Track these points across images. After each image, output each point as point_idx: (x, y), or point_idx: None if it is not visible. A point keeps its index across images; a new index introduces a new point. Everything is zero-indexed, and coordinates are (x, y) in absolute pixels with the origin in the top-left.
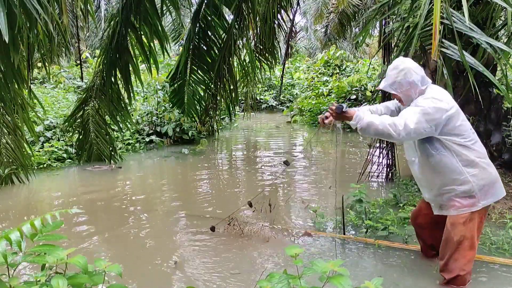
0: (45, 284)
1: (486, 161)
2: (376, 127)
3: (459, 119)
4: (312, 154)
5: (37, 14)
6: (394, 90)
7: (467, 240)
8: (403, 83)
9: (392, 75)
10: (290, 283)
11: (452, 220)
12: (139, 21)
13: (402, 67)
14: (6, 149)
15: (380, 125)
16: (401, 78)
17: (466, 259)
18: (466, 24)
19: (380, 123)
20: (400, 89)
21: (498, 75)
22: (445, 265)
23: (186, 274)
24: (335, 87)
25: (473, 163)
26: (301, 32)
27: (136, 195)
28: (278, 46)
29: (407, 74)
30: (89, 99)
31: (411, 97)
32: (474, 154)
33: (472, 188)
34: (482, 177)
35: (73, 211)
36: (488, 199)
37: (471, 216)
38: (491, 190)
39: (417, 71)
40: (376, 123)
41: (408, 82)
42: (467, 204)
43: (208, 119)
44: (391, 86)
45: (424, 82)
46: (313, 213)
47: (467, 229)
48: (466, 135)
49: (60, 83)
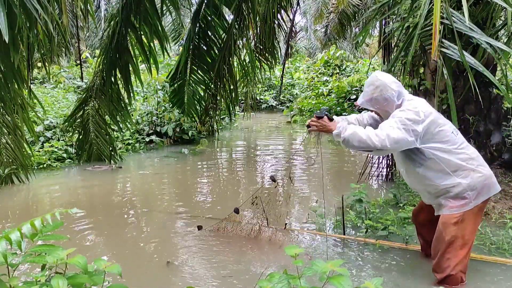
0: (45, 284)
1: (475, 162)
2: (359, 138)
3: (437, 126)
4: (314, 160)
5: (37, 14)
6: (372, 106)
7: (458, 239)
8: (379, 99)
9: (368, 92)
10: (290, 283)
11: (444, 220)
12: (139, 21)
13: (377, 84)
14: (6, 149)
15: (363, 136)
16: (377, 95)
17: (458, 259)
18: (466, 24)
19: (363, 133)
20: (377, 105)
21: (498, 75)
22: (436, 264)
23: (186, 274)
24: (335, 87)
25: (461, 166)
26: (301, 32)
27: (136, 195)
28: (278, 46)
29: (383, 90)
30: (89, 99)
31: (389, 112)
32: (460, 158)
33: (463, 190)
34: (472, 179)
35: (73, 211)
36: (480, 198)
37: (463, 216)
38: (484, 189)
39: (393, 86)
40: (359, 134)
41: (384, 98)
42: (459, 204)
43: (208, 119)
44: (368, 103)
45: (400, 97)
46: (313, 213)
47: (459, 229)
48: (447, 140)
49: (60, 83)
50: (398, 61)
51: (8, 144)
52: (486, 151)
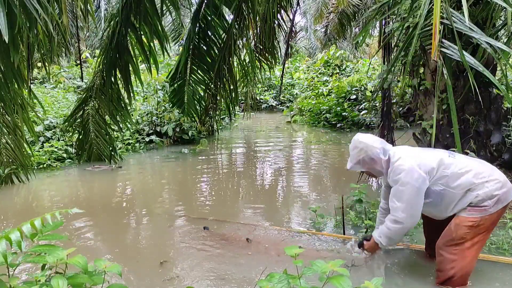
0: (45, 284)
1: (485, 174)
2: (392, 237)
3: (436, 169)
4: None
5: (37, 14)
6: (361, 168)
7: (467, 241)
8: (366, 160)
9: (354, 155)
10: (290, 283)
11: (458, 221)
12: (139, 21)
13: (361, 146)
14: (6, 149)
15: (393, 233)
16: (364, 156)
17: (464, 261)
18: (466, 24)
19: (390, 231)
20: (366, 166)
21: (498, 75)
22: (441, 263)
23: (186, 275)
24: (335, 87)
25: (473, 184)
26: (301, 32)
27: (136, 195)
28: (278, 46)
29: (368, 151)
30: (89, 99)
31: (379, 170)
32: (470, 177)
33: (482, 200)
34: (488, 188)
35: (73, 211)
36: (499, 204)
37: (480, 222)
38: (503, 195)
39: (375, 145)
40: (389, 235)
41: (370, 158)
42: (478, 209)
43: (208, 119)
44: (357, 165)
45: (386, 153)
46: (313, 213)
47: (471, 232)
48: (452, 168)
49: (60, 83)
50: (398, 61)
51: (8, 144)
52: (486, 151)
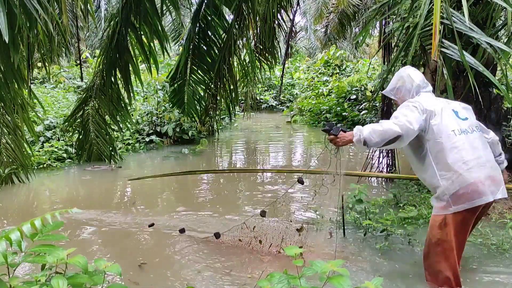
0: (45, 284)
1: (465, 166)
2: (379, 132)
3: (436, 119)
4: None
5: (37, 14)
6: (393, 96)
7: (444, 243)
8: (401, 89)
9: (393, 82)
10: (290, 283)
11: (431, 221)
12: (139, 21)
13: (401, 75)
14: (6, 149)
15: (382, 128)
16: (400, 85)
17: (447, 263)
18: (466, 24)
19: (380, 127)
20: (397, 95)
21: (498, 75)
22: (429, 266)
23: (185, 275)
24: (335, 87)
25: (448, 166)
26: (301, 32)
27: (135, 195)
28: (278, 46)
29: (406, 82)
30: (89, 99)
31: None
32: (452, 158)
33: (442, 193)
34: (453, 183)
35: (73, 211)
36: (459, 204)
37: (446, 220)
38: (465, 195)
39: (416, 80)
40: (377, 128)
41: (405, 89)
42: (439, 206)
43: (208, 119)
44: (391, 92)
45: (418, 91)
46: (313, 212)
47: (443, 233)
48: (445, 137)
49: (60, 83)
50: (398, 61)
51: (8, 144)
52: None
